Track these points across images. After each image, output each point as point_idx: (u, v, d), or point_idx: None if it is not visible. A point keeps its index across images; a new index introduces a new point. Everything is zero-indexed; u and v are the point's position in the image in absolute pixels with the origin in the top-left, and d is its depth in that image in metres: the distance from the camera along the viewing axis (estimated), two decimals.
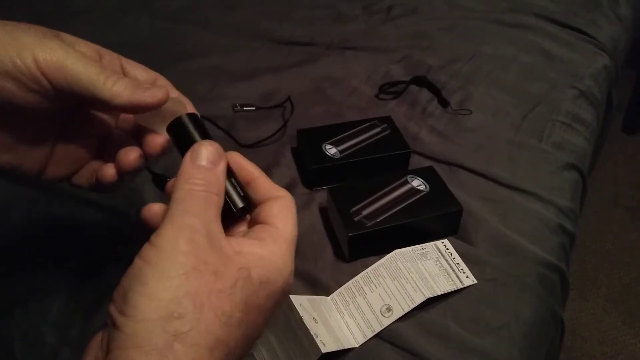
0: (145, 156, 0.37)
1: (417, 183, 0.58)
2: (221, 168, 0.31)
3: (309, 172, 0.63)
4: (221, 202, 0.30)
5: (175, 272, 0.26)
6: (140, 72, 0.38)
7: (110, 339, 0.25)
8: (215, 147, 0.32)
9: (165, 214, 0.29)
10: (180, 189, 0.29)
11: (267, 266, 0.29)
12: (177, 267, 0.26)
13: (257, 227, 0.32)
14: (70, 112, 0.37)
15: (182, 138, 0.34)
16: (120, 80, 0.33)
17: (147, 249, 0.27)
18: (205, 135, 0.34)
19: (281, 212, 0.32)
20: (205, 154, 0.31)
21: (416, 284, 0.51)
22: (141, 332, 0.24)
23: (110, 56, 0.37)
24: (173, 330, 0.24)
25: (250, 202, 0.33)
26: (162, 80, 0.39)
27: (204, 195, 0.29)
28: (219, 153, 0.32)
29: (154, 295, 0.25)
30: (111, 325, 0.26)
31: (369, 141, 0.65)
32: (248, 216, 0.35)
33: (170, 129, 0.35)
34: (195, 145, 0.32)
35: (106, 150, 0.40)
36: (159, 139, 0.36)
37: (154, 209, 0.32)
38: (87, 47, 0.36)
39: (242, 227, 0.34)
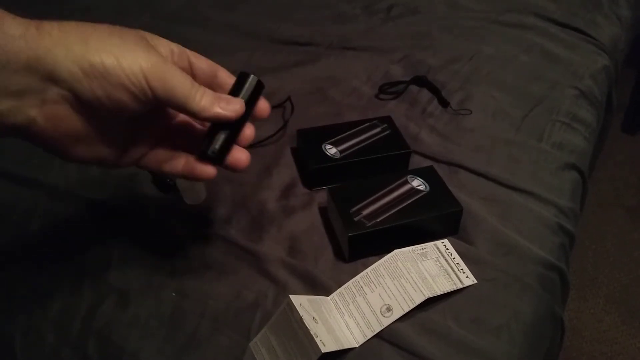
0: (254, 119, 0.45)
1: (417, 183, 0.58)
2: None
3: (309, 172, 0.63)
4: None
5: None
6: (203, 64, 0.42)
7: None
8: (240, 105, 0.41)
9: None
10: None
11: None
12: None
13: None
14: (152, 112, 0.40)
15: (238, 86, 0.42)
16: (206, 94, 0.38)
17: None
18: (251, 99, 0.42)
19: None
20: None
21: (416, 284, 0.51)
22: None
23: (179, 50, 0.41)
24: None
25: (217, 159, 0.42)
26: (223, 72, 0.43)
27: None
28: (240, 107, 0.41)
29: None
30: None
31: (369, 141, 0.65)
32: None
33: (240, 77, 0.42)
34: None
35: (169, 136, 0.44)
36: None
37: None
38: (163, 47, 0.39)
39: None
